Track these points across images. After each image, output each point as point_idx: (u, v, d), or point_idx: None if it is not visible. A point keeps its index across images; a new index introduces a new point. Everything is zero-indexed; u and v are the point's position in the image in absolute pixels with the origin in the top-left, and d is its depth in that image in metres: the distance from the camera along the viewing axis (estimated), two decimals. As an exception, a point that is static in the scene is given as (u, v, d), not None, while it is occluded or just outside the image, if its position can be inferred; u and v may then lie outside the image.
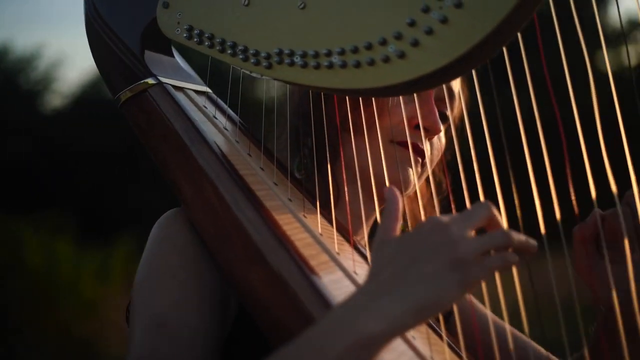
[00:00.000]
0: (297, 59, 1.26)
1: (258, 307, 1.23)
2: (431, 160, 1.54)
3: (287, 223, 1.29)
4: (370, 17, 1.22)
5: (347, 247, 1.38)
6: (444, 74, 1.19)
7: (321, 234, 1.34)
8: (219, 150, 1.34)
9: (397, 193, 1.14)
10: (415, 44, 1.18)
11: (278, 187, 1.39)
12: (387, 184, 1.40)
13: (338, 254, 1.32)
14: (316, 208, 1.42)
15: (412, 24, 1.19)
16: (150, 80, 1.39)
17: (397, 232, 1.12)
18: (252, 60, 1.30)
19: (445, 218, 1.09)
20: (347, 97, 1.44)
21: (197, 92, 1.49)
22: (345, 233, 1.43)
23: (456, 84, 1.54)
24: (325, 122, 1.45)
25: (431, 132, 1.50)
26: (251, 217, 1.26)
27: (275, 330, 1.20)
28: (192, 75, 1.54)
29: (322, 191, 1.46)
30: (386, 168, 1.41)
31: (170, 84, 1.41)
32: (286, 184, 1.43)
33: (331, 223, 1.42)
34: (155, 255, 1.32)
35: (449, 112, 1.51)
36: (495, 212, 1.10)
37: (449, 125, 1.57)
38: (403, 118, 1.42)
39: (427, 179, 1.58)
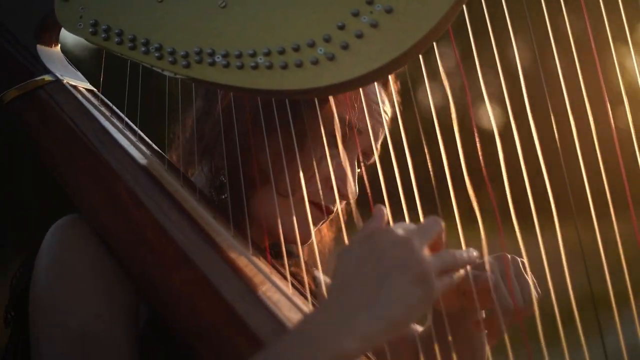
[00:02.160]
0: (219, 59, 1.22)
1: (180, 312, 1.17)
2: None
3: (207, 224, 1.25)
4: (298, 19, 1.21)
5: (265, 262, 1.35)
6: (374, 76, 1.19)
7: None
8: (131, 152, 1.27)
9: (383, 212, 1.14)
10: (346, 47, 1.18)
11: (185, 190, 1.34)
12: (297, 237, 1.35)
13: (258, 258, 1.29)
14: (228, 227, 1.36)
15: (342, 27, 1.19)
16: (48, 77, 1.29)
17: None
18: (168, 59, 1.24)
19: (400, 230, 1.09)
20: (266, 148, 1.34)
21: (87, 90, 1.39)
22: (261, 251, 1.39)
23: (382, 132, 1.48)
24: (240, 168, 1.36)
25: (344, 199, 1.44)
26: (175, 220, 1.20)
27: (201, 337, 1.15)
28: (77, 72, 1.44)
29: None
30: (297, 224, 1.36)
31: (68, 82, 1.31)
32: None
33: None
34: (64, 264, 1.22)
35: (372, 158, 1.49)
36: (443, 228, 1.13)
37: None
38: (317, 178, 1.37)
39: None
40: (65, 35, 1.35)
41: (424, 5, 1.17)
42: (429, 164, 1.26)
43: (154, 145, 1.38)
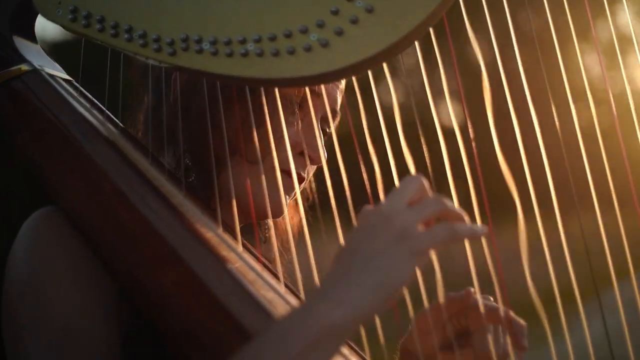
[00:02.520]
0: (207, 46, 1.17)
1: (169, 312, 1.12)
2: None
3: (196, 221, 1.19)
4: (290, 4, 1.16)
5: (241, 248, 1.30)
6: (369, 63, 1.15)
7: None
8: (114, 144, 1.21)
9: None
10: (340, 33, 1.14)
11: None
12: (268, 210, 1.32)
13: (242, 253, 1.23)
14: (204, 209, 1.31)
15: (336, 12, 1.14)
16: (25, 67, 1.22)
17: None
18: (153, 46, 1.18)
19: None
20: (237, 115, 1.29)
21: (65, 80, 1.33)
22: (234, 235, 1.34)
23: (341, 93, 1.44)
24: (211, 136, 1.29)
25: (314, 163, 1.40)
26: (164, 216, 1.14)
27: (191, 337, 1.10)
28: (54, 62, 1.37)
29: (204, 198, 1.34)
30: (267, 194, 1.31)
31: (46, 72, 1.25)
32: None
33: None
34: (41, 259, 1.16)
35: (330, 129, 1.44)
36: (427, 183, 1.09)
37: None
38: (287, 145, 1.30)
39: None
40: (42, 22, 1.28)
41: (421, -11, 1.13)
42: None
43: (136, 138, 1.32)
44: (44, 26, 1.31)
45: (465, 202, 1.20)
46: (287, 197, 1.38)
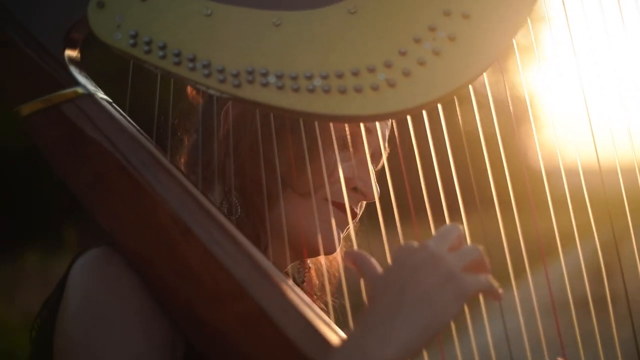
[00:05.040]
0: (273, 80, 1.16)
1: (232, 351, 1.12)
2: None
3: (255, 254, 1.19)
4: (358, 42, 1.17)
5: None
6: (433, 104, 1.17)
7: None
8: (173, 174, 1.19)
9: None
10: (407, 73, 1.16)
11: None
12: (320, 244, 1.33)
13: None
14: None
15: (403, 53, 1.16)
16: (79, 90, 1.19)
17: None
18: (217, 77, 1.17)
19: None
20: (290, 149, 1.31)
21: (108, 102, 1.30)
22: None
23: (388, 130, 1.46)
24: (263, 171, 1.30)
25: (367, 199, 1.41)
26: (230, 251, 1.14)
27: None
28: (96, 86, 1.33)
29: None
30: (319, 227, 1.33)
31: (100, 96, 1.22)
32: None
33: None
34: (99, 304, 1.14)
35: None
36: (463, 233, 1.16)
37: None
38: (341, 177, 1.31)
39: None
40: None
41: (487, 34, 1.17)
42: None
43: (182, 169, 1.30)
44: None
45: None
46: (340, 232, 1.39)
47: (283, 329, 1.11)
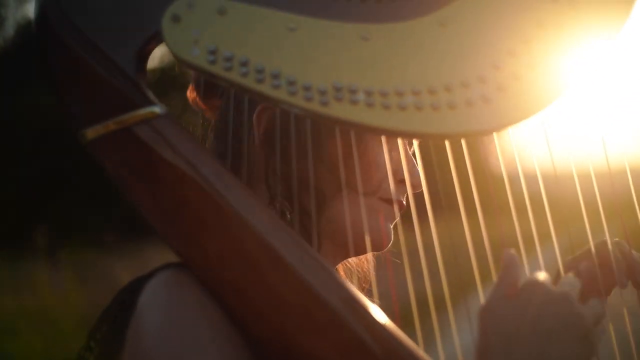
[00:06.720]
0: (362, 97, 1.11)
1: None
2: None
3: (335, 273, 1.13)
4: (449, 56, 1.12)
5: None
6: (530, 119, 1.13)
7: None
8: (255, 198, 1.13)
9: (516, 259, 1.07)
10: (502, 88, 1.11)
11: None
12: (368, 241, 1.27)
13: None
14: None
15: (498, 67, 1.11)
16: (156, 110, 1.12)
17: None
18: (304, 95, 1.11)
19: (549, 284, 1.08)
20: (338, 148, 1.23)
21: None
22: None
23: None
24: (315, 171, 1.25)
25: (414, 189, 1.32)
26: (323, 279, 1.08)
27: None
28: None
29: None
30: (368, 224, 1.27)
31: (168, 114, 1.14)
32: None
33: None
34: (177, 327, 1.08)
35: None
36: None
37: None
38: (388, 172, 1.26)
39: None
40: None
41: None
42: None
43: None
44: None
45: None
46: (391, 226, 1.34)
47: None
